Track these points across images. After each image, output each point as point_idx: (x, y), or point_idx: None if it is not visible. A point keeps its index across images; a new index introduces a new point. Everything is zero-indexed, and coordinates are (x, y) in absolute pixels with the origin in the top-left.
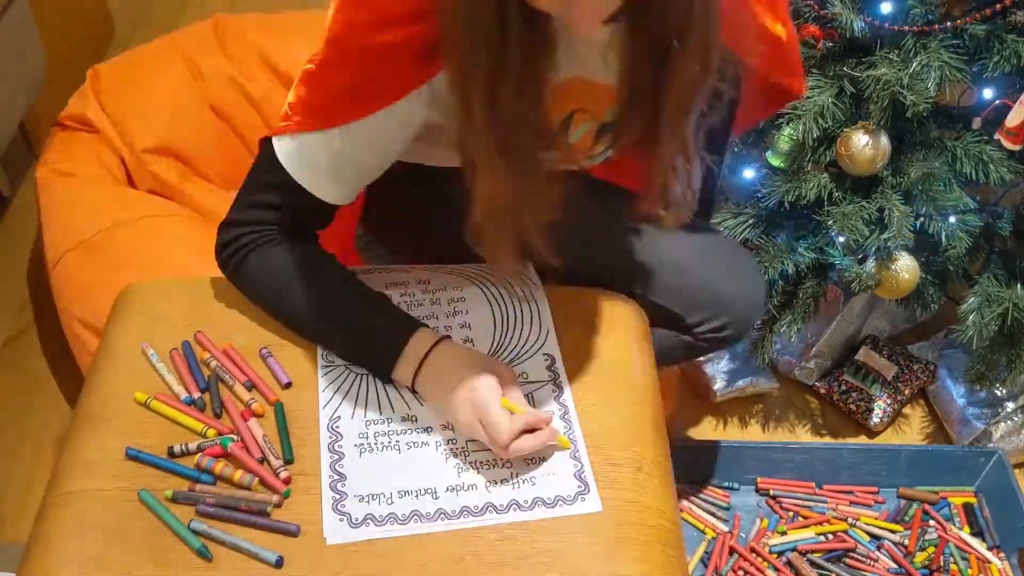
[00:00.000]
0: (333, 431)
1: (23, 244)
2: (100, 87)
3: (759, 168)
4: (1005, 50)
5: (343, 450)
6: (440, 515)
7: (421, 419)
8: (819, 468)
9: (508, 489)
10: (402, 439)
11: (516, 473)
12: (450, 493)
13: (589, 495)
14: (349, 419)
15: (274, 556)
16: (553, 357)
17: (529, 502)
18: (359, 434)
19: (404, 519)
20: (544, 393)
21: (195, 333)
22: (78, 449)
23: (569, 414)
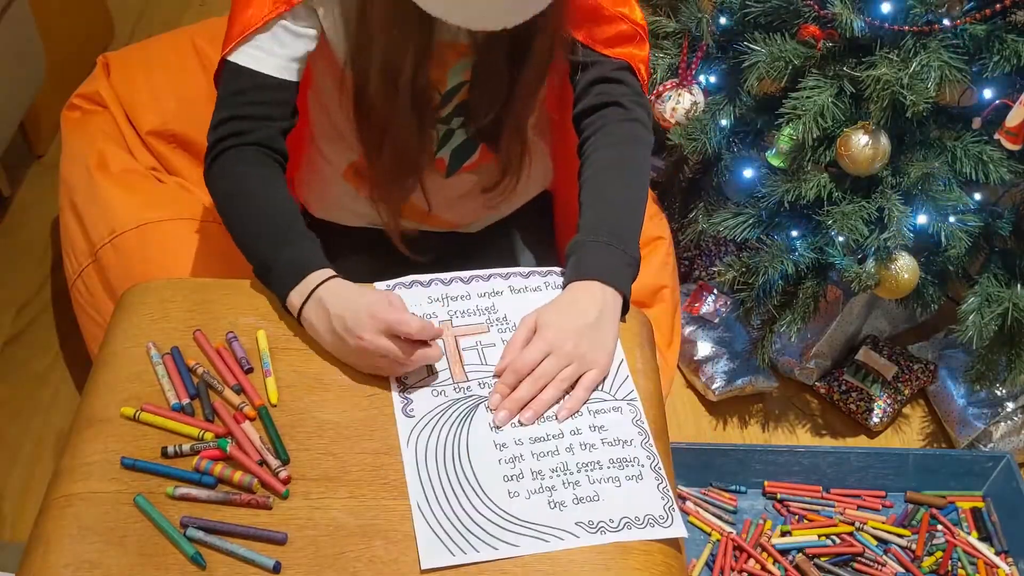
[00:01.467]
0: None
1: (23, 244)
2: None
3: (759, 168)
4: (1005, 50)
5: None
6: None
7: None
8: (826, 472)
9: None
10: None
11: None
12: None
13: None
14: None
15: (271, 562)
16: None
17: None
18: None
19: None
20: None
21: (194, 331)
22: (79, 451)
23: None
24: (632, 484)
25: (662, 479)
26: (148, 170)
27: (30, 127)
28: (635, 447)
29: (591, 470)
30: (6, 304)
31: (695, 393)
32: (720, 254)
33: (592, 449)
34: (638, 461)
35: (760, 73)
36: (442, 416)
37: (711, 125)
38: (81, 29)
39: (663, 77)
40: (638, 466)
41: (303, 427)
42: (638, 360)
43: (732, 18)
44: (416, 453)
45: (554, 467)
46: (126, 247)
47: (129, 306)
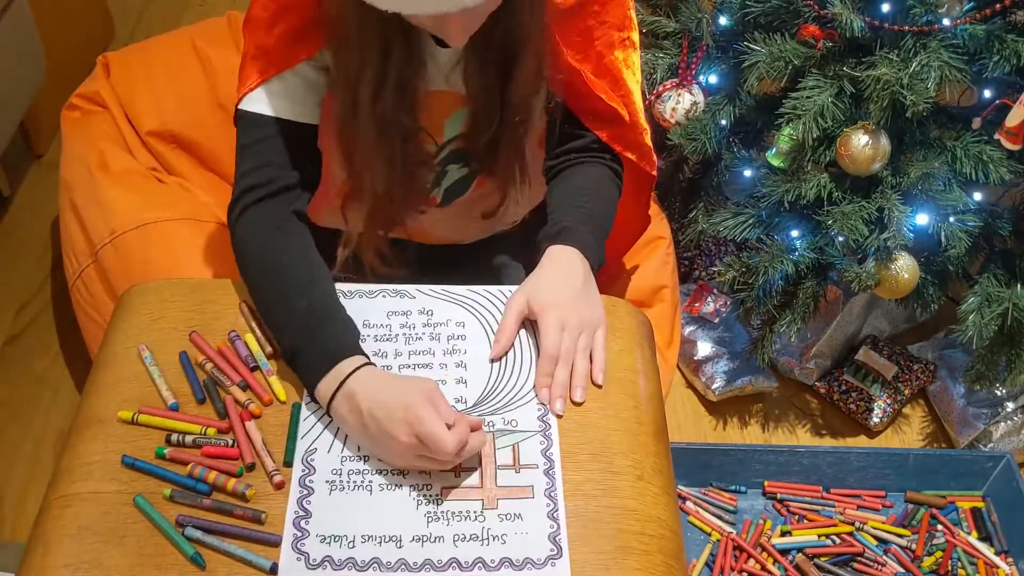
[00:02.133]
0: (307, 464)
1: (23, 244)
2: (110, 73)
3: (759, 168)
4: (1005, 50)
5: (313, 485)
6: (401, 566)
7: None
8: (826, 472)
9: (476, 545)
10: (376, 480)
11: (487, 528)
12: (415, 543)
13: (560, 561)
14: (325, 453)
15: (268, 563)
16: (547, 407)
17: (496, 562)
18: (332, 470)
19: (363, 565)
20: (531, 444)
21: (190, 332)
22: (78, 451)
23: (554, 469)
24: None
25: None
26: (148, 170)
27: (30, 127)
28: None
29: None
30: (6, 304)
31: (695, 393)
32: (720, 254)
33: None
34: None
35: (760, 73)
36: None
37: (711, 125)
38: (81, 29)
39: (663, 77)
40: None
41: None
42: (638, 360)
43: (732, 18)
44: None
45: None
46: (126, 247)
47: (129, 306)
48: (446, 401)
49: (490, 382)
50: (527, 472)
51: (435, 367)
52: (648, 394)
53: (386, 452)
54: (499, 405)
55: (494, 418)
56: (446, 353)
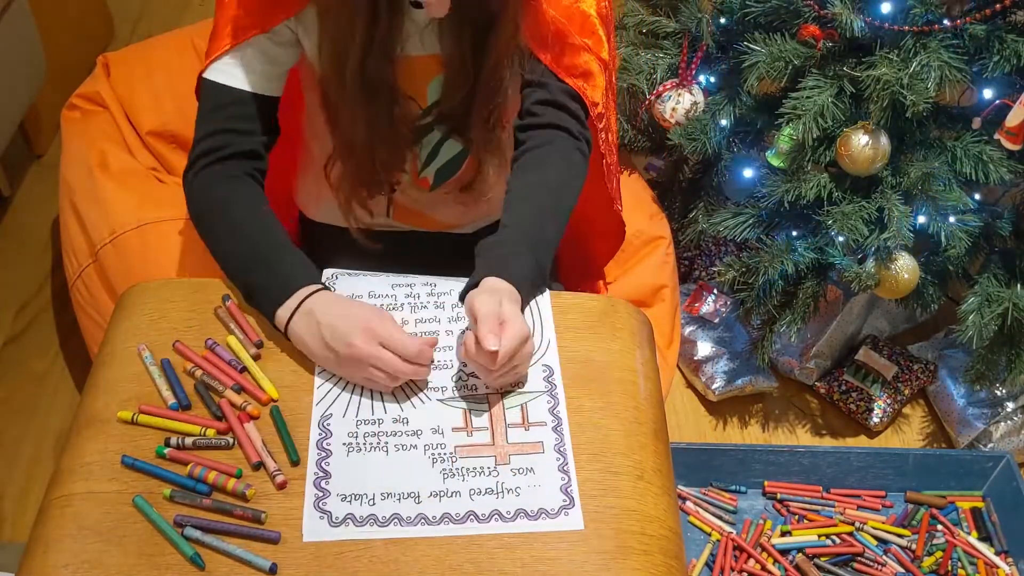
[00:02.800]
0: (323, 428)
1: (23, 244)
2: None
3: (759, 168)
4: (1005, 50)
5: (331, 447)
6: (421, 520)
7: (412, 422)
8: (826, 472)
9: (491, 499)
10: (391, 441)
11: (502, 483)
12: (433, 499)
13: (573, 510)
14: (341, 417)
15: (268, 563)
16: (552, 368)
17: (511, 513)
18: (348, 433)
19: (384, 521)
20: (539, 404)
21: (173, 342)
22: (78, 451)
23: (562, 426)
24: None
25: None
26: (148, 170)
27: (30, 127)
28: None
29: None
30: (6, 304)
31: (695, 393)
32: (720, 254)
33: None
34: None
35: (760, 73)
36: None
37: (711, 125)
38: (81, 29)
39: (663, 77)
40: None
41: (303, 427)
42: (638, 360)
43: (732, 18)
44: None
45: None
46: (126, 247)
47: (129, 306)
48: (395, 322)
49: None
50: (536, 429)
51: (441, 333)
52: (648, 394)
53: (342, 362)
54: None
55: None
56: (451, 320)
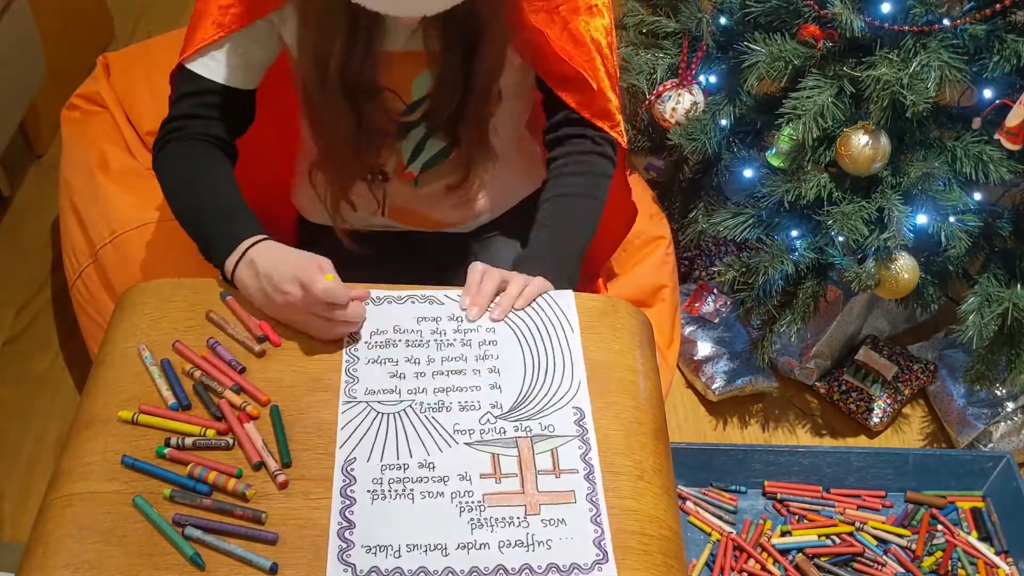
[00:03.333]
0: (347, 474)
1: (23, 244)
2: (110, 73)
3: (759, 168)
4: (1005, 50)
5: (355, 495)
6: (448, 573)
7: (438, 467)
8: (826, 472)
9: (522, 551)
10: (417, 488)
11: (532, 534)
12: (461, 551)
13: (607, 566)
14: (365, 462)
15: (268, 563)
16: (583, 412)
17: (542, 568)
18: (373, 479)
19: (411, 575)
20: (570, 449)
21: (173, 343)
22: (78, 451)
23: (594, 474)
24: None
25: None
26: (148, 170)
27: (30, 127)
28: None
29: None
30: (6, 304)
31: (695, 393)
32: (720, 254)
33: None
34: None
35: (760, 73)
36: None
37: (711, 125)
38: (81, 29)
39: (663, 77)
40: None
41: (302, 427)
42: (638, 360)
43: (732, 18)
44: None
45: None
46: (126, 247)
47: (129, 306)
48: (329, 261)
49: (524, 387)
50: (567, 477)
51: (468, 372)
52: (648, 394)
53: (278, 309)
54: (535, 410)
55: (531, 423)
56: (478, 359)
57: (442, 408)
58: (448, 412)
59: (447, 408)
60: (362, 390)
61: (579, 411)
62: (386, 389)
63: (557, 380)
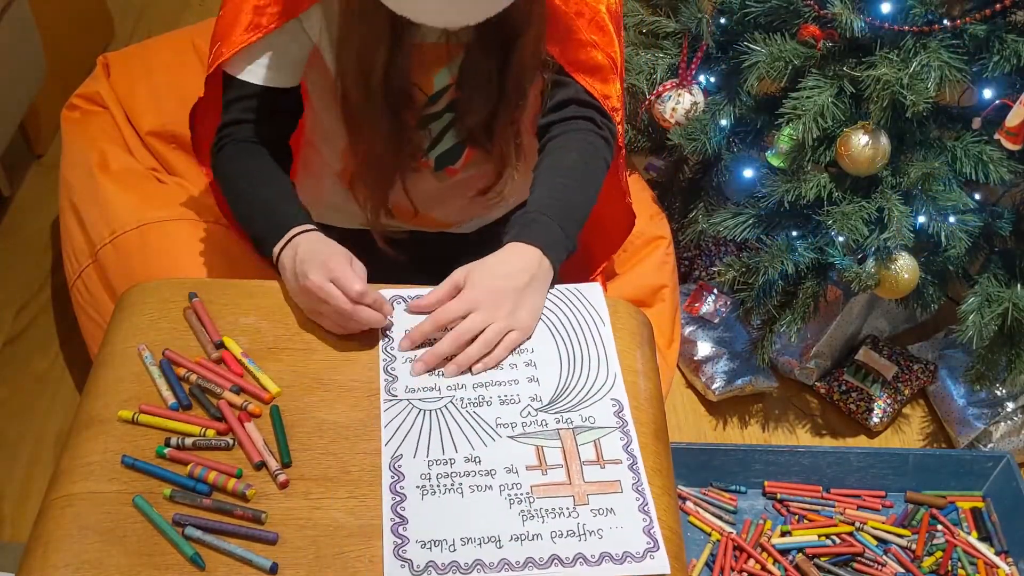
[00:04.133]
0: (395, 470)
1: (23, 244)
2: (110, 73)
3: (759, 168)
4: (1005, 50)
5: (404, 491)
6: (504, 566)
7: (484, 461)
8: (826, 472)
9: (575, 541)
10: (465, 482)
11: (583, 524)
12: (514, 542)
13: (658, 553)
14: (411, 457)
15: (268, 563)
16: (621, 403)
17: (596, 557)
18: (421, 475)
19: (467, 568)
20: (612, 440)
21: (163, 350)
22: (78, 451)
23: (637, 464)
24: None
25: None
26: (148, 170)
27: (30, 127)
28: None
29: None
30: (6, 304)
31: (695, 393)
32: (720, 254)
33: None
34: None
35: (760, 73)
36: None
37: (711, 125)
38: (81, 29)
39: (663, 77)
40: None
41: (303, 427)
42: (638, 360)
43: (732, 18)
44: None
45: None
46: (126, 247)
47: (129, 306)
48: (361, 267)
49: (562, 379)
50: (612, 467)
51: (505, 367)
52: (648, 394)
53: (298, 293)
54: (575, 402)
55: (571, 415)
56: (515, 353)
57: (482, 403)
58: (489, 407)
59: (487, 403)
60: (402, 388)
61: (617, 403)
62: (425, 387)
63: (594, 373)
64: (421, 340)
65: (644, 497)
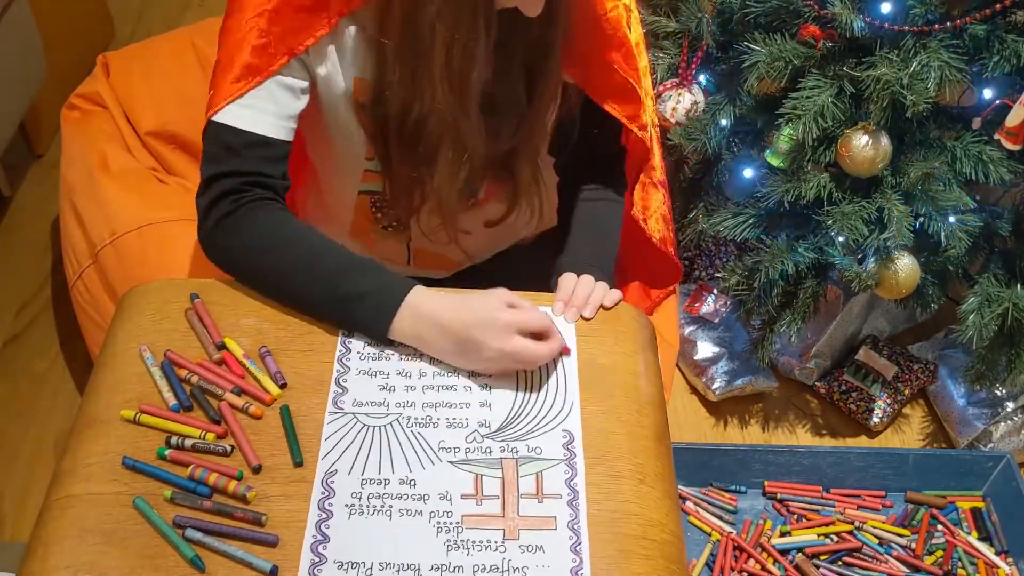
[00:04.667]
0: (327, 486)
1: (23, 244)
2: (110, 73)
3: (759, 168)
4: (1005, 50)
5: (332, 508)
6: None
7: (419, 485)
8: (826, 472)
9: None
10: (396, 504)
11: (508, 560)
12: (434, 572)
13: None
14: (346, 475)
15: (268, 565)
16: (572, 435)
17: None
18: (352, 493)
19: None
20: (556, 473)
21: (165, 351)
22: (79, 452)
23: (578, 500)
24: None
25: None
26: (148, 170)
27: (30, 127)
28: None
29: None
30: (6, 304)
31: (695, 393)
32: (720, 254)
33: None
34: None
35: (760, 73)
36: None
37: (711, 125)
38: (81, 29)
39: (663, 77)
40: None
41: (304, 429)
42: (640, 363)
43: (732, 18)
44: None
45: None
46: (127, 249)
47: (130, 307)
48: (518, 298)
49: (515, 407)
50: (550, 502)
51: (459, 389)
52: (650, 397)
53: (486, 352)
54: (523, 431)
55: (518, 444)
56: (471, 375)
57: (429, 424)
58: (435, 428)
59: (434, 424)
60: (350, 401)
61: (569, 434)
62: (374, 402)
63: (549, 400)
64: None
65: (578, 535)
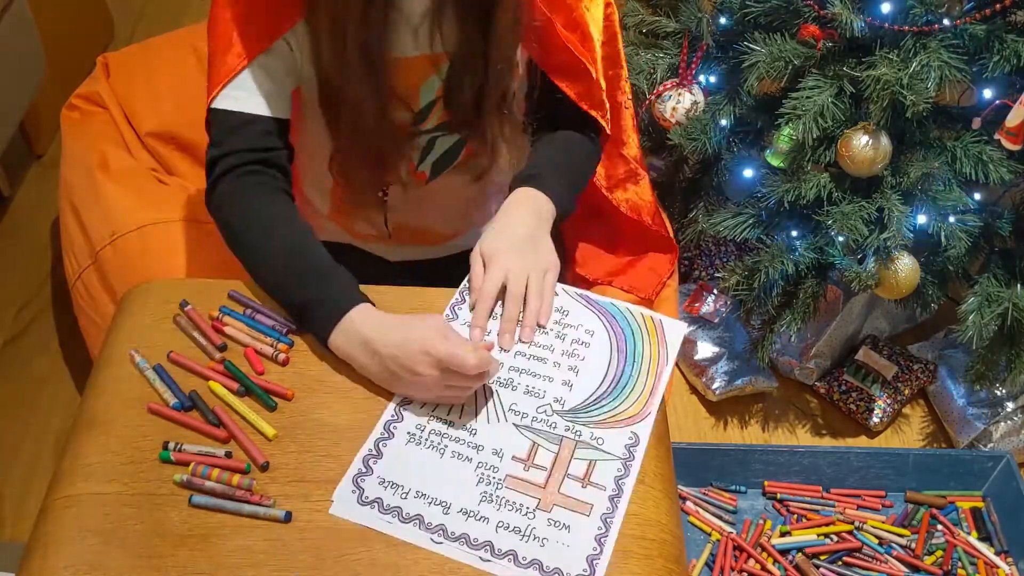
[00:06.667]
0: (397, 411)
1: (23, 244)
2: (110, 73)
3: (759, 168)
4: (1005, 50)
5: (395, 431)
6: (439, 530)
7: (479, 436)
8: (826, 472)
9: (515, 539)
10: (451, 446)
11: (532, 527)
12: (460, 515)
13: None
14: (419, 406)
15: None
16: (639, 439)
17: (527, 560)
18: (417, 424)
19: (406, 518)
20: (608, 467)
21: (168, 353)
22: (79, 452)
23: (620, 498)
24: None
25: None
26: (148, 171)
27: (30, 127)
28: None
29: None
30: (6, 304)
31: (695, 393)
32: (720, 254)
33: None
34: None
35: (760, 73)
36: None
37: (711, 125)
38: (81, 29)
39: (663, 77)
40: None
41: (304, 429)
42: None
43: (732, 18)
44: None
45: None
46: (126, 249)
47: (130, 307)
48: (454, 331)
49: (594, 395)
50: (593, 491)
51: (548, 363)
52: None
53: (413, 388)
54: (593, 420)
55: (583, 429)
56: (564, 354)
57: (509, 385)
58: (513, 391)
59: (513, 387)
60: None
61: (635, 437)
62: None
63: (629, 403)
64: (486, 322)
65: (608, 529)
